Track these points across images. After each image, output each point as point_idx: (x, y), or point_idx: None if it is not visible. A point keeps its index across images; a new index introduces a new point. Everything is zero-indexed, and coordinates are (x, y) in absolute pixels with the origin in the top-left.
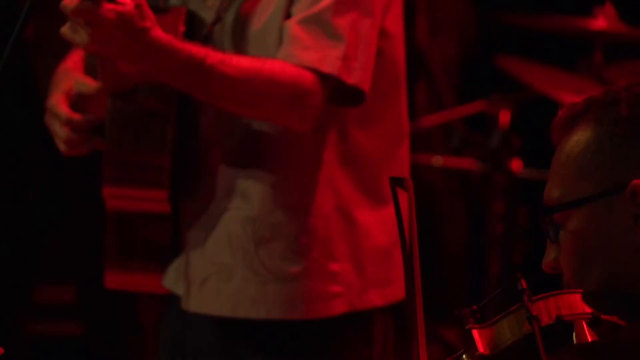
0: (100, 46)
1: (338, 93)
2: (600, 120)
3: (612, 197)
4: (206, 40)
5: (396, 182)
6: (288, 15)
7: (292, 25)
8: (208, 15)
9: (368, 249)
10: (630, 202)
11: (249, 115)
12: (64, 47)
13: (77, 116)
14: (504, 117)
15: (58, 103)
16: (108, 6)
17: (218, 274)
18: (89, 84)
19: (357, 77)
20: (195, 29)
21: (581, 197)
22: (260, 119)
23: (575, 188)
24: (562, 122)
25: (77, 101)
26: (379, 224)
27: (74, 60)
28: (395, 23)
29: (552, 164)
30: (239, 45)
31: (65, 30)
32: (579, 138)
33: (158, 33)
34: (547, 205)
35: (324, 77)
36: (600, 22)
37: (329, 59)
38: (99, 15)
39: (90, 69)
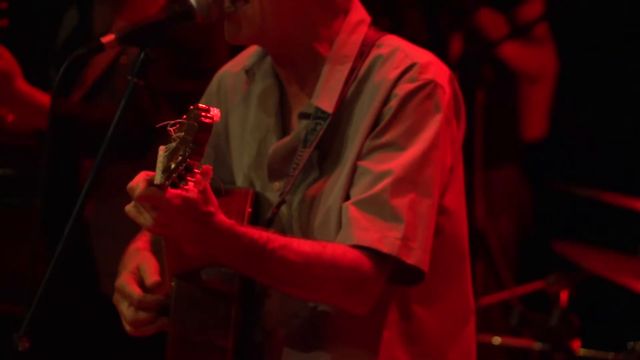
0: (164, 229)
1: (398, 272)
2: None
3: None
4: (270, 222)
5: None
6: (347, 197)
7: (350, 208)
8: (273, 197)
9: None
10: None
11: (310, 298)
12: (122, 227)
13: (146, 296)
14: (563, 296)
15: (128, 283)
16: (173, 191)
17: None
18: (149, 275)
19: (417, 257)
20: (260, 211)
21: None
22: (320, 302)
23: None
24: None
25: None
26: None
27: (143, 241)
28: (455, 200)
29: None
30: (303, 228)
31: (130, 209)
32: None
33: (221, 218)
34: None
35: (383, 257)
36: None
37: (389, 239)
38: (165, 200)
39: (157, 249)
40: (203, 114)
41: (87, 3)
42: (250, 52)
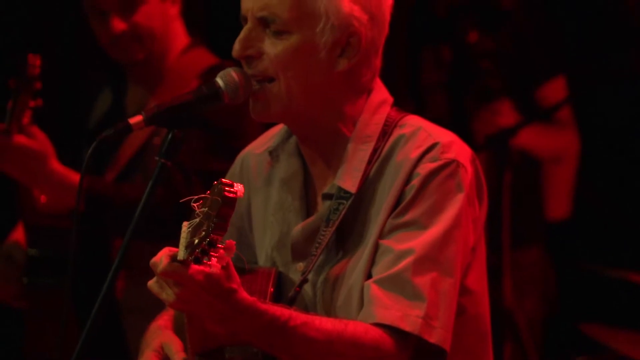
0: (187, 305)
1: (420, 351)
2: None
3: None
4: (293, 301)
5: None
6: (369, 276)
7: (372, 286)
8: (296, 277)
9: None
10: None
11: None
12: (154, 308)
13: None
14: None
15: None
16: (196, 267)
17: None
18: (175, 353)
19: (439, 335)
20: (283, 291)
21: None
22: None
23: None
24: None
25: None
26: None
27: (165, 319)
28: (478, 280)
29: None
30: (326, 307)
31: (152, 285)
32: None
33: (243, 295)
34: None
35: (405, 336)
36: None
37: (411, 318)
38: (188, 276)
39: (179, 328)
40: (227, 188)
41: (121, 84)
42: (274, 133)
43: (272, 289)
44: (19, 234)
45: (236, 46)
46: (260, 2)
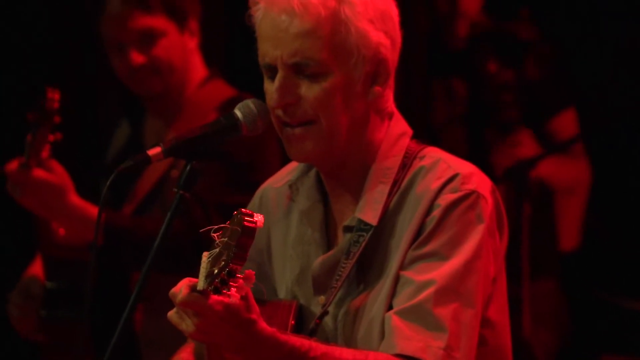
0: (206, 336)
1: None
2: None
3: None
4: (313, 333)
5: None
6: (390, 308)
7: (393, 317)
8: (317, 310)
9: None
10: None
11: None
12: (172, 340)
13: None
14: None
15: None
16: (215, 298)
17: None
18: None
19: None
20: (304, 324)
21: None
22: None
23: None
24: None
25: None
26: None
27: (187, 352)
28: (498, 312)
29: None
30: (347, 339)
31: (172, 315)
32: None
33: (263, 326)
34: None
35: None
36: None
37: (432, 349)
38: (207, 306)
39: (199, 357)
40: (246, 218)
41: (139, 117)
42: (294, 167)
43: (293, 322)
44: (37, 267)
45: (274, 96)
46: (290, 48)
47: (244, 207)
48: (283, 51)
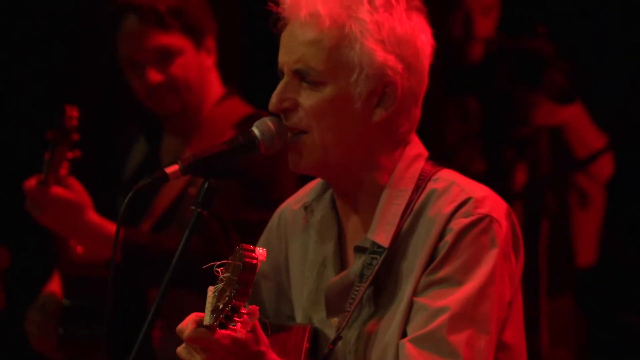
0: None
1: None
2: None
3: None
4: (327, 359)
5: None
6: (404, 334)
7: (407, 345)
8: (331, 333)
9: None
10: None
11: None
12: None
13: None
14: None
15: None
16: (222, 332)
17: None
18: None
19: None
20: (318, 347)
21: None
22: None
23: None
24: None
25: None
26: None
27: None
28: (515, 334)
29: None
30: None
31: (181, 351)
32: None
33: (272, 357)
34: None
35: None
36: None
37: None
38: (214, 341)
39: None
40: (247, 254)
41: (156, 134)
42: (311, 188)
43: (307, 345)
44: (54, 285)
45: (273, 99)
46: (295, 55)
47: (261, 224)
48: (290, 57)
